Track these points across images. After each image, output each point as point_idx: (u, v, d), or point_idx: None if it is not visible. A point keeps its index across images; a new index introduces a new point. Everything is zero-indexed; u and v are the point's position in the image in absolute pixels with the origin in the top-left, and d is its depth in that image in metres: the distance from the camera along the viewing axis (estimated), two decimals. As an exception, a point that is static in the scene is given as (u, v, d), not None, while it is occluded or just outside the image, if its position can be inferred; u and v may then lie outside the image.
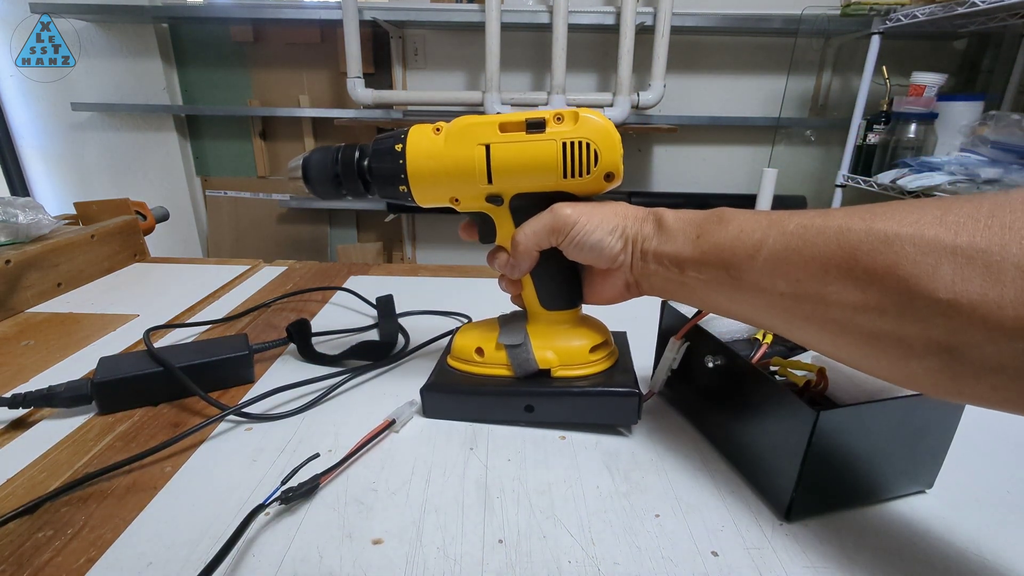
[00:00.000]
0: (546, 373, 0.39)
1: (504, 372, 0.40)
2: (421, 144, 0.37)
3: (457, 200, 0.38)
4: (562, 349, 0.39)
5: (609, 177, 0.36)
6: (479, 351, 0.41)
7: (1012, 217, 0.20)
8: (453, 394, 0.40)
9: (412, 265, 0.72)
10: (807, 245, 0.25)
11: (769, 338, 0.38)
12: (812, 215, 0.26)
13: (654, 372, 0.41)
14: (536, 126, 0.35)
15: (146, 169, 2.17)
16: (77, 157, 2.18)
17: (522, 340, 0.39)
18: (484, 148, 0.35)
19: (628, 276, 0.36)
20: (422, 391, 0.41)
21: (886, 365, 0.24)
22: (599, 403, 0.38)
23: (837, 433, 0.29)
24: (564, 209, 0.35)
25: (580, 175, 0.35)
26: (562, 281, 0.39)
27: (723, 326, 0.39)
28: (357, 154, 0.38)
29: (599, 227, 0.34)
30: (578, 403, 0.38)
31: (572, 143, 0.35)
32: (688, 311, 0.39)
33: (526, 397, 0.39)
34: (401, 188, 0.38)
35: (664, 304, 0.41)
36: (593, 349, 0.39)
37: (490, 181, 0.36)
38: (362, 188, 0.39)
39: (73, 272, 0.67)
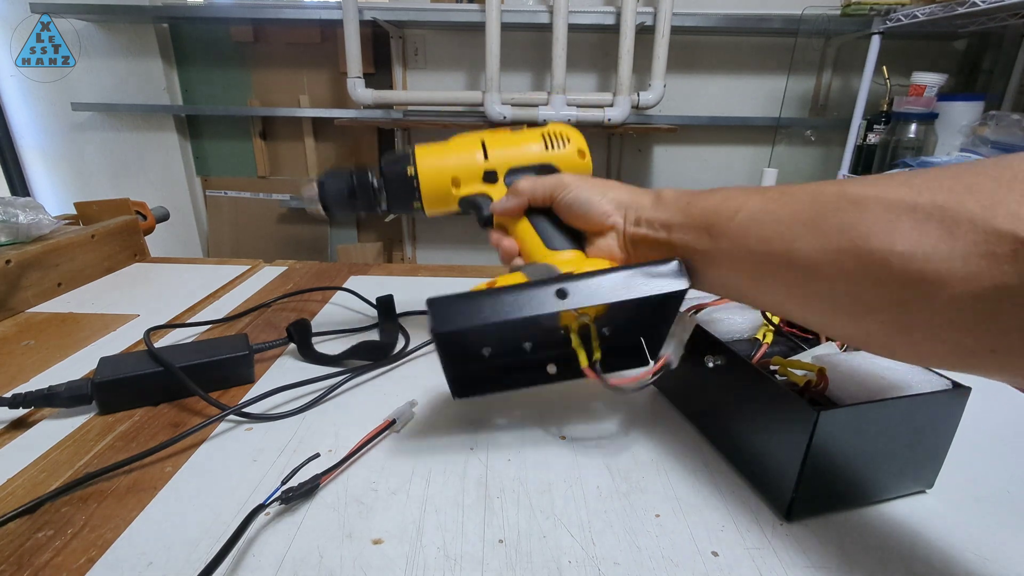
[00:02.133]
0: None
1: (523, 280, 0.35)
2: (427, 150, 0.43)
3: (458, 181, 0.42)
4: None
5: (582, 154, 0.44)
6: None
7: (976, 180, 0.21)
8: (468, 299, 0.33)
9: (412, 265, 0.71)
10: (781, 206, 0.27)
11: (769, 338, 0.38)
12: (794, 184, 0.28)
13: (667, 341, 0.37)
14: (518, 125, 0.42)
15: (146, 169, 2.17)
16: (77, 157, 2.18)
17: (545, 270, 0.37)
18: (480, 141, 0.43)
19: (621, 241, 0.36)
20: (429, 300, 0.33)
21: (845, 322, 0.25)
22: (639, 273, 0.33)
23: (837, 433, 0.29)
24: (567, 176, 0.40)
25: (558, 148, 0.43)
26: (561, 226, 0.39)
27: (724, 326, 0.39)
28: (371, 178, 0.44)
29: (591, 190, 0.37)
30: (616, 279, 0.33)
31: (548, 133, 0.44)
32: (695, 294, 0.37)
33: (558, 282, 0.33)
34: (415, 204, 0.44)
35: None
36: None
37: (486, 157, 0.42)
38: (377, 209, 0.44)
39: (73, 272, 0.67)
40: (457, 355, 0.39)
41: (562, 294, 0.33)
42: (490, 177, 0.42)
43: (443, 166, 0.42)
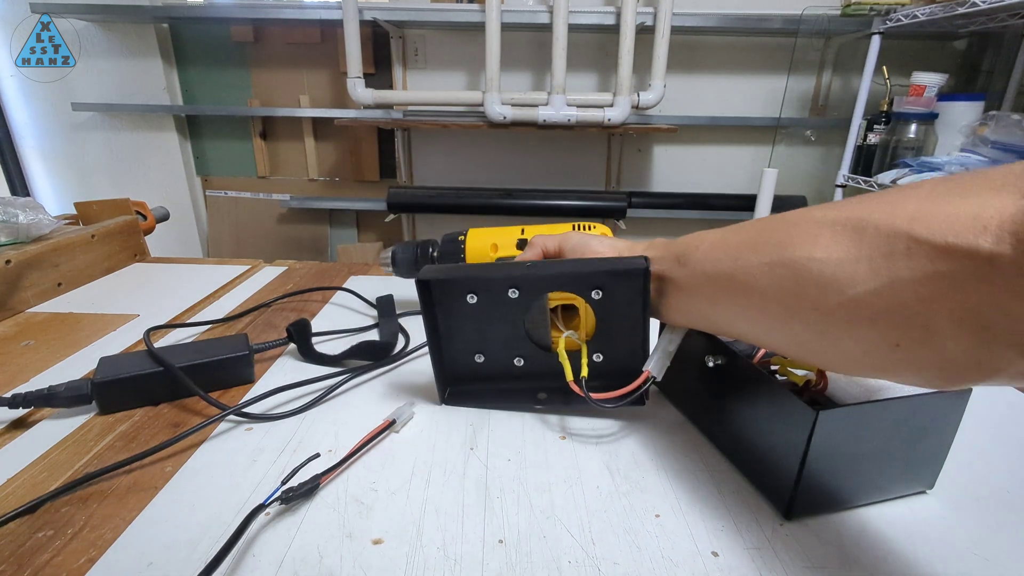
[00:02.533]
0: None
1: None
2: (478, 229, 0.52)
3: (496, 247, 0.51)
4: None
5: (604, 235, 0.47)
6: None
7: (889, 196, 0.23)
8: (454, 265, 0.43)
9: (412, 265, 0.72)
10: (734, 235, 0.31)
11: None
12: (752, 220, 0.31)
13: (650, 355, 0.40)
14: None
15: (146, 169, 2.17)
16: (77, 157, 2.18)
17: None
18: (521, 227, 0.51)
19: None
20: (424, 266, 0.40)
21: (778, 330, 0.27)
22: (607, 259, 0.38)
23: (837, 433, 0.29)
24: (573, 232, 0.43)
25: (585, 230, 0.47)
26: None
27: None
28: (431, 249, 0.54)
29: (590, 237, 0.41)
30: (590, 262, 0.38)
31: (577, 224, 0.49)
32: None
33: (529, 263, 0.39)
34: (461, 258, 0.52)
35: None
36: None
37: (523, 233, 0.51)
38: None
39: (73, 272, 0.67)
40: (451, 358, 0.41)
41: (530, 264, 0.39)
42: (522, 244, 0.50)
43: (488, 235, 0.52)
